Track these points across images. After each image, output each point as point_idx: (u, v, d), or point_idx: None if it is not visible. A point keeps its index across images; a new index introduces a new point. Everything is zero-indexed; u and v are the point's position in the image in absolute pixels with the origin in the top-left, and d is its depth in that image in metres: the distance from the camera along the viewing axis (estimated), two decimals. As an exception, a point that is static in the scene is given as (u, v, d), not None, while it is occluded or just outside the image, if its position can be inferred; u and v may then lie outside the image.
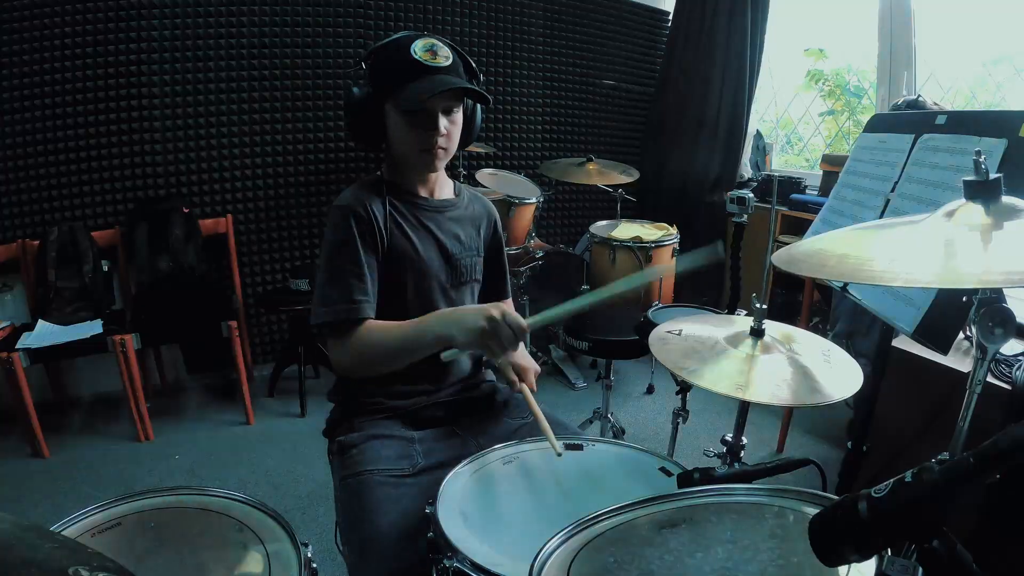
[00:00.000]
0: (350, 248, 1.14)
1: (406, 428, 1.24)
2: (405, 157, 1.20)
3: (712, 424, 2.68)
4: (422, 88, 1.10)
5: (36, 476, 2.27)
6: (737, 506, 0.77)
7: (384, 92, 1.14)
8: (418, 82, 1.10)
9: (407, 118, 1.14)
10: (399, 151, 1.20)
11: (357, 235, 1.14)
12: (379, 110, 1.16)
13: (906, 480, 0.53)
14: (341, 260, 1.14)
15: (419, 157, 1.18)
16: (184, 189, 2.82)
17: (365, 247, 1.15)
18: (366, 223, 1.15)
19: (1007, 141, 1.03)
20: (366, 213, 1.15)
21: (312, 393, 2.80)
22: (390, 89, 1.14)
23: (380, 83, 1.14)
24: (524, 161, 3.55)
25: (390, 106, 1.15)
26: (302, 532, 1.48)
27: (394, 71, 1.13)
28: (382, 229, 1.17)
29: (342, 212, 1.15)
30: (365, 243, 1.15)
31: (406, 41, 1.13)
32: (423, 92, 1.09)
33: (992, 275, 0.68)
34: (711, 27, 3.38)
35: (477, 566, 0.82)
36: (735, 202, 1.82)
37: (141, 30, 2.59)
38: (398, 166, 1.24)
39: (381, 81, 1.14)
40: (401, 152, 1.20)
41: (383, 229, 1.17)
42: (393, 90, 1.13)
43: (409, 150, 1.18)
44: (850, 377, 1.06)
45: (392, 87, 1.13)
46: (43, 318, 2.45)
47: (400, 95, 1.12)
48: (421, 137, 1.16)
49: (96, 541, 0.87)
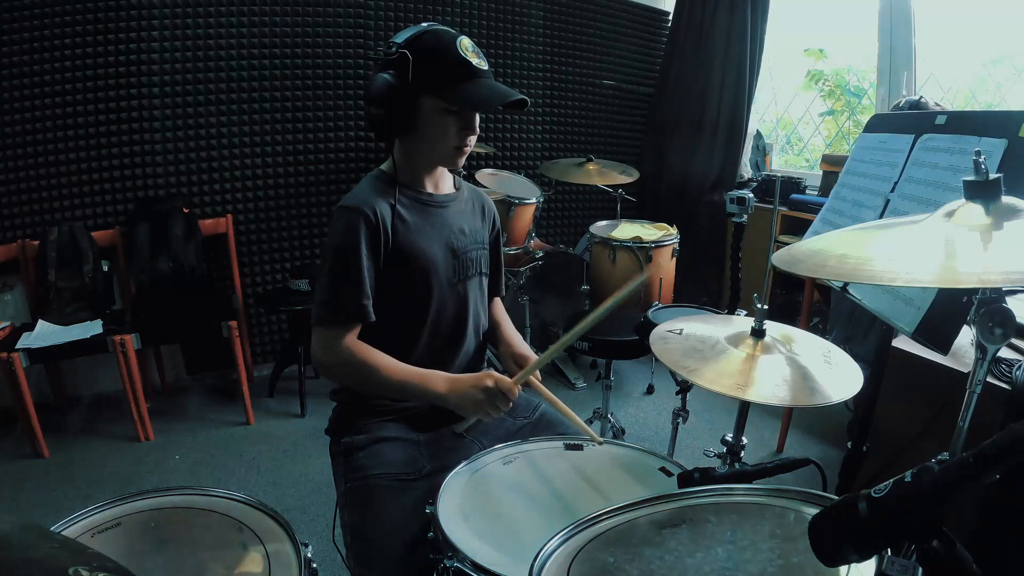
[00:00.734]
0: (356, 253, 1.14)
1: (411, 431, 1.24)
2: (432, 152, 1.21)
3: (712, 424, 2.67)
4: (481, 92, 1.12)
5: (36, 476, 2.27)
6: (737, 506, 0.77)
7: (426, 86, 1.12)
8: (470, 83, 1.11)
9: (451, 117, 1.14)
10: (428, 146, 1.19)
11: (363, 239, 1.14)
12: (414, 102, 1.14)
13: (906, 480, 0.53)
14: (346, 264, 1.14)
15: (450, 154, 1.19)
16: (184, 189, 2.82)
17: (369, 252, 1.15)
18: (373, 227, 1.15)
19: (1007, 141, 1.03)
20: (374, 217, 1.15)
21: (312, 393, 2.80)
22: (436, 85, 1.12)
23: (423, 76, 1.11)
24: (524, 161, 3.55)
25: (431, 100, 1.13)
26: (302, 532, 1.49)
27: (442, 68, 1.11)
28: (388, 231, 1.17)
29: (350, 215, 1.14)
30: (370, 248, 1.15)
31: (447, 37, 1.12)
32: (488, 96, 1.12)
33: (992, 275, 0.68)
34: (711, 27, 3.38)
35: (478, 566, 0.82)
36: (735, 202, 1.82)
37: (141, 30, 2.59)
38: (414, 160, 1.23)
39: (424, 75, 1.11)
40: (431, 147, 1.20)
41: (389, 230, 1.17)
42: (440, 87, 1.12)
43: (442, 147, 1.18)
44: (850, 378, 1.06)
45: (439, 84, 1.11)
46: (43, 318, 2.45)
47: (455, 94, 1.11)
48: (459, 135, 1.16)
49: (96, 541, 0.88)
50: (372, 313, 1.16)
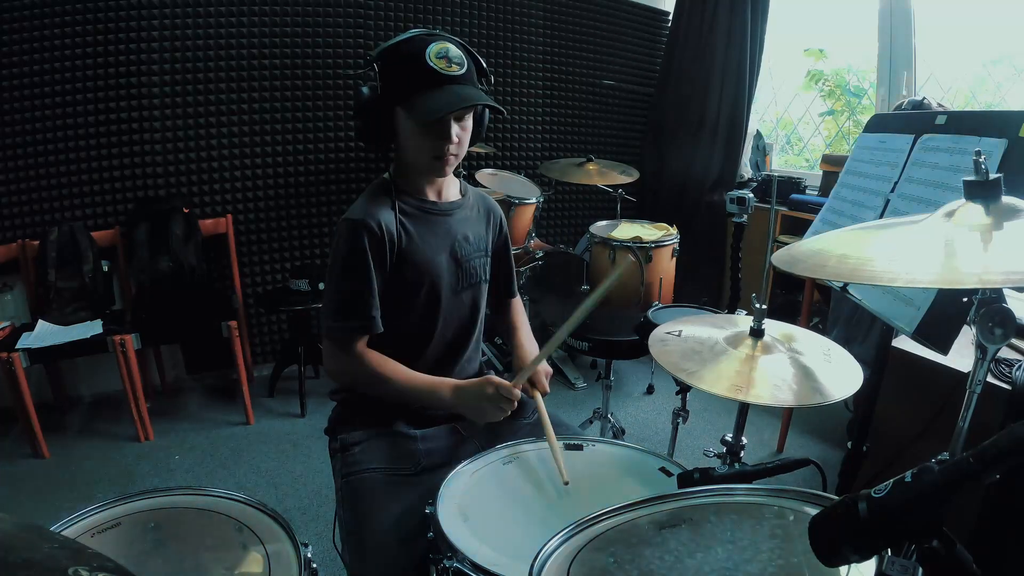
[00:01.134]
0: (363, 265, 1.14)
1: (409, 426, 1.24)
2: (415, 162, 1.20)
3: (712, 424, 2.67)
4: (439, 101, 1.08)
5: (36, 476, 2.27)
6: (737, 506, 0.77)
7: (396, 97, 1.12)
8: (434, 92, 1.08)
9: (420, 126, 1.12)
10: (409, 156, 1.19)
11: (369, 251, 1.14)
12: (390, 113, 1.14)
13: (906, 480, 0.53)
14: (353, 277, 1.15)
15: (430, 164, 1.17)
16: (184, 189, 2.82)
17: (375, 264, 1.16)
18: (378, 238, 1.15)
19: (1007, 141, 1.03)
20: (378, 228, 1.14)
21: (312, 393, 2.80)
22: (403, 95, 1.11)
23: (392, 87, 1.11)
24: (524, 161, 3.55)
25: (402, 111, 1.12)
26: (302, 532, 1.49)
27: (408, 77, 1.10)
28: (393, 241, 1.17)
29: (354, 227, 1.14)
30: (375, 260, 1.15)
31: (419, 44, 1.09)
32: (440, 106, 1.07)
33: (992, 275, 0.68)
34: (711, 27, 3.38)
35: (477, 566, 0.82)
36: (735, 202, 1.83)
37: (141, 30, 2.59)
38: (407, 169, 1.23)
39: (393, 85, 1.11)
40: (411, 157, 1.19)
41: (394, 240, 1.17)
42: (407, 97, 1.10)
43: (420, 156, 1.17)
44: (850, 377, 1.06)
45: (405, 94, 1.10)
46: (43, 318, 2.45)
47: (415, 104, 1.09)
48: (433, 145, 1.14)
49: (96, 541, 0.87)
50: (380, 324, 1.18)
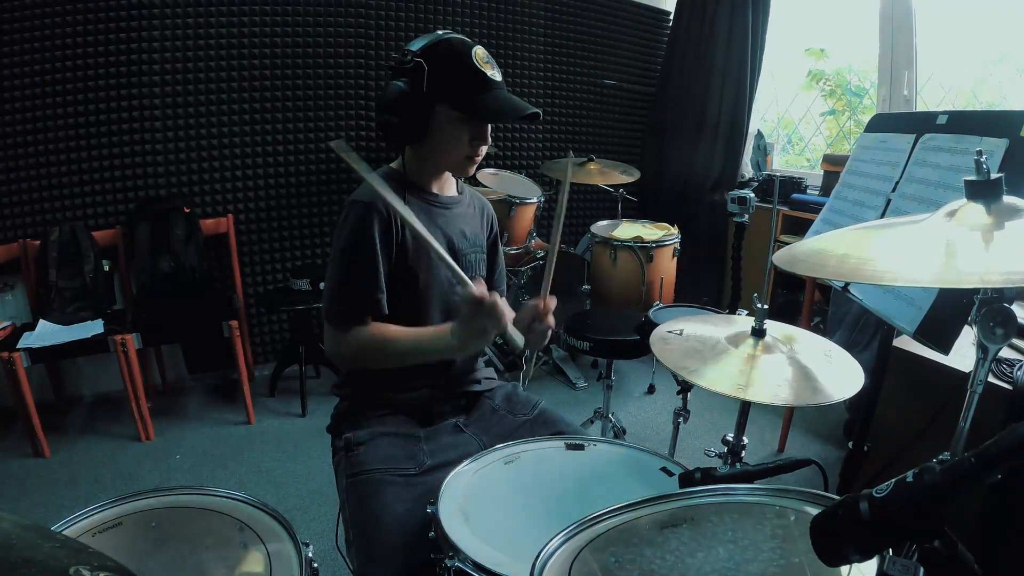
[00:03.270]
0: (368, 245, 1.15)
1: (413, 425, 1.24)
2: (444, 159, 1.22)
3: (713, 424, 2.67)
4: (502, 105, 1.14)
5: (37, 476, 2.27)
6: (738, 506, 0.77)
7: (440, 95, 1.13)
8: (485, 95, 1.13)
9: (464, 127, 1.16)
10: (439, 154, 1.21)
11: (376, 232, 1.15)
12: (428, 111, 1.15)
13: (907, 480, 0.53)
14: (360, 258, 1.15)
15: (460, 163, 1.21)
16: (185, 189, 2.82)
17: (382, 245, 1.16)
18: (384, 221, 1.16)
19: (1008, 141, 1.03)
20: (385, 210, 1.15)
21: (313, 393, 2.80)
22: (452, 95, 1.13)
23: (438, 86, 1.12)
24: (525, 161, 3.55)
25: (445, 110, 1.15)
26: (303, 532, 1.49)
27: (457, 78, 1.13)
28: (399, 228, 1.18)
29: (362, 208, 1.15)
30: (382, 241, 1.16)
31: (463, 47, 1.13)
32: (505, 111, 1.15)
33: (993, 275, 0.68)
34: (712, 27, 3.38)
35: (479, 566, 0.82)
36: (736, 202, 1.83)
37: (141, 30, 2.59)
38: (423, 164, 1.24)
39: (439, 84, 1.12)
40: (442, 155, 1.21)
41: (400, 227, 1.18)
42: (456, 97, 1.13)
43: (452, 155, 1.20)
44: (851, 376, 1.06)
45: (454, 94, 1.13)
46: (44, 318, 2.45)
47: (467, 105, 1.13)
48: (471, 145, 1.18)
49: (97, 541, 0.87)
50: (386, 306, 1.18)
